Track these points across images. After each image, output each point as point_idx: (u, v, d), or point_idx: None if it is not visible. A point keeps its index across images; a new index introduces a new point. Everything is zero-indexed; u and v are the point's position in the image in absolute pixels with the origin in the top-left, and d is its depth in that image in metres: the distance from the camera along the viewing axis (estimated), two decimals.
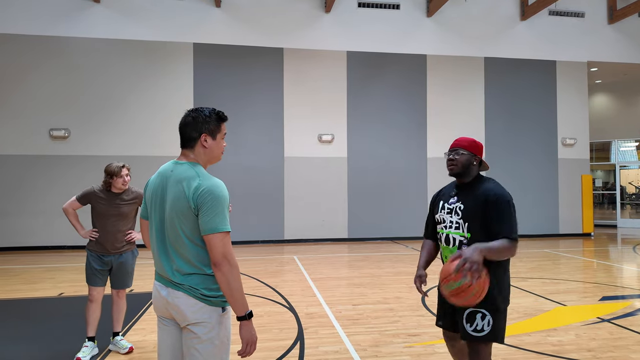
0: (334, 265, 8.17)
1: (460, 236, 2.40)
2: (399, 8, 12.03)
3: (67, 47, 10.56)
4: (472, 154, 2.46)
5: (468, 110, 12.28)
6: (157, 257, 1.96)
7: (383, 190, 11.72)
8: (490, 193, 2.34)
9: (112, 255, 3.80)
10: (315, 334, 4.33)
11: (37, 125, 10.37)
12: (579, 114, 12.86)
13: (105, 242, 3.76)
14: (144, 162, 10.55)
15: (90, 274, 3.79)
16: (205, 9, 11.16)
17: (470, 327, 2.31)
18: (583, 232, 12.71)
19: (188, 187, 1.86)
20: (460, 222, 2.41)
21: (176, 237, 1.88)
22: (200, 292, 1.87)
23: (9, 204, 10.20)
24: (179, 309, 1.88)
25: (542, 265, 8.11)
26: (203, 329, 1.87)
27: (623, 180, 16.14)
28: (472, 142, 2.49)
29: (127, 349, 3.82)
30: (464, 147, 2.46)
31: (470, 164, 2.46)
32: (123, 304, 3.96)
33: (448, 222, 2.47)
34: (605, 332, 4.35)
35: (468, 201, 2.40)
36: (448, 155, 2.50)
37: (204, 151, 1.98)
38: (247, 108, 11.16)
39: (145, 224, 2.13)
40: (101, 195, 3.76)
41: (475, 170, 2.49)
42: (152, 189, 2.01)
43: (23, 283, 6.73)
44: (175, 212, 1.87)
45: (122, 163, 3.72)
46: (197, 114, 1.96)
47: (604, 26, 13.00)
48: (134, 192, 3.87)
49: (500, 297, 2.34)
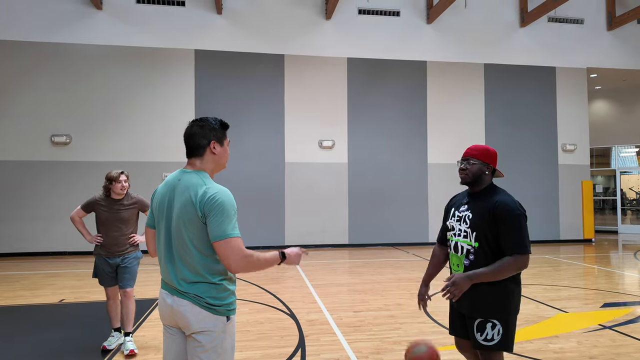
0: (335, 272, 8.16)
1: (467, 245, 2.41)
2: (399, 15, 12.10)
3: (69, 53, 10.62)
4: (484, 163, 2.43)
5: (468, 117, 12.31)
6: (164, 265, 1.97)
7: (383, 196, 11.72)
8: (498, 206, 2.32)
9: (117, 257, 4.06)
10: (317, 341, 4.33)
11: (39, 131, 10.40)
12: (579, 120, 12.89)
13: (110, 246, 4.03)
14: (145, 169, 10.60)
15: (100, 277, 4.11)
16: (206, 16, 11.23)
17: (481, 337, 2.33)
18: (584, 238, 12.69)
19: (195, 195, 1.87)
20: (468, 231, 2.41)
21: (183, 245, 1.89)
22: (205, 300, 1.88)
23: (10, 210, 10.20)
24: (183, 317, 1.88)
25: (543, 271, 8.10)
26: (207, 338, 1.88)
27: (624, 186, 16.12)
28: (485, 150, 2.45)
29: (128, 351, 3.93)
30: (475, 157, 2.43)
31: (482, 173, 2.43)
32: (131, 305, 4.11)
33: (457, 229, 2.48)
34: (607, 339, 4.33)
35: (477, 211, 2.39)
36: (460, 164, 2.48)
37: (213, 158, 2.01)
38: (248, 114, 11.19)
39: (150, 232, 2.13)
40: (102, 202, 4.02)
41: (488, 180, 2.46)
42: (160, 198, 2.02)
43: (23, 289, 6.72)
44: (182, 220, 1.88)
45: (121, 170, 4.00)
46: (204, 123, 2.00)
47: (603, 33, 13.07)
48: (133, 198, 4.12)
49: (512, 307, 2.35)
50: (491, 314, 2.30)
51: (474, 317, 2.35)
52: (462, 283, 2.25)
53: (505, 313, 2.32)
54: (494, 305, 2.32)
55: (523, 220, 2.30)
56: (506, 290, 2.33)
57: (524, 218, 2.31)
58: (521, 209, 2.34)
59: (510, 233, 2.28)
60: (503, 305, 2.31)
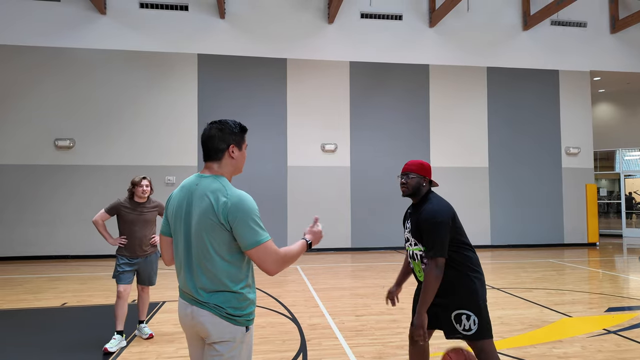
0: (337, 275, 8.14)
1: (418, 251, 2.64)
2: (402, 19, 12.11)
3: (73, 58, 10.69)
4: (421, 176, 2.68)
5: (471, 120, 12.29)
6: (182, 274, 1.92)
7: (386, 199, 11.70)
8: (422, 213, 2.57)
9: (139, 258, 4.43)
10: (318, 345, 4.30)
11: (43, 136, 10.46)
12: (583, 123, 12.84)
13: (134, 247, 4.38)
14: (148, 172, 10.61)
15: (119, 274, 4.35)
16: (209, 20, 11.28)
17: (460, 327, 2.54)
18: (588, 242, 12.61)
19: (216, 201, 1.82)
20: (413, 239, 2.67)
21: (204, 252, 1.84)
22: (226, 311, 1.84)
23: (13, 214, 10.24)
24: (203, 328, 1.86)
25: (547, 275, 8.04)
26: (226, 348, 1.85)
27: (629, 189, 16.02)
28: (420, 165, 2.71)
29: (147, 335, 4.49)
30: (414, 171, 2.68)
31: (420, 186, 2.69)
32: (147, 297, 4.61)
33: (411, 239, 2.71)
34: (612, 344, 4.29)
35: (414, 220, 2.65)
36: (400, 178, 2.72)
37: (231, 162, 1.97)
38: (251, 117, 11.21)
39: (165, 240, 2.07)
40: (127, 205, 4.40)
41: (425, 190, 2.71)
42: (176, 204, 1.96)
43: (26, 293, 6.73)
44: (202, 226, 1.83)
45: (143, 175, 4.45)
46: (223, 126, 1.95)
47: (607, 36, 13.04)
48: (154, 202, 4.55)
49: (479, 296, 2.56)
50: (464, 305, 2.53)
51: (449, 309, 2.56)
52: (419, 323, 2.50)
53: (475, 304, 2.53)
54: (463, 297, 2.54)
55: (441, 226, 2.49)
56: (467, 281, 2.56)
57: (443, 224, 2.50)
58: (442, 216, 2.53)
59: (427, 238, 2.52)
60: (471, 298, 2.54)
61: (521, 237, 12.33)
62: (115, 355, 4.04)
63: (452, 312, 2.56)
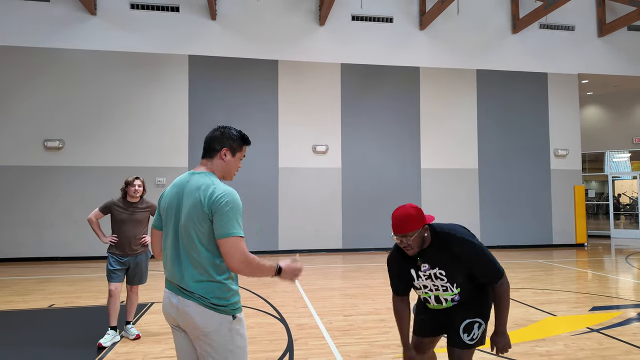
0: (328, 276, 8.17)
1: (451, 295, 2.48)
2: (392, 21, 12.19)
3: (63, 58, 10.64)
4: (419, 229, 2.32)
5: (461, 122, 12.39)
6: (170, 264, 2.00)
7: (377, 200, 11.75)
8: (455, 249, 2.33)
9: (129, 257, 4.51)
10: (305, 345, 4.33)
11: (32, 136, 10.39)
12: (571, 125, 13.00)
13: (123, 246, 4.46)
14: (138, 173, 10.47)
15: (110, 272, 4.45)
16: (200, 21, 11.29)
17: (467, 337, 2.45)
18: (576, 243, 12.76)
19: (204, 194, 1.92)
20: (447, 285, 2.44)
21: (190, 242, 1.92)
22: (210, 301, 1.91)
23: (2, 215, 10.16)
24: (189, 318, 1.91)
25: (535, 275, 8.13)
26: (215, 337, 1.91)
27: (617, 191, 16.22)
28: (415, 217, 2.31)
29: (134, 336, 4.50)
30: (412, 230, 2.29)
31: (423, 237, 2.36)
32: (135, 298, 4.65)
33: (432, 286, 2.48)
34: (594, 342, 4.36)
35: (443, 263, 2.38)
36: (399, 239, 2.35)
37: (221, 164, 2.08)
38: (242, 119, 11.22)
39: (156, 233, 2.16)
40: (119, 204, 4.51)
41: (428, 236, 2.40)
42: (168, 199, 2.06)
43: (13, 294, 6.68)
44: (190, 218, 1.92)
45: (136, 175, 4.55)
46: (225, 130, 2.09)
47: (594, 39, 13.22)
48: (147, 202, 4.63)
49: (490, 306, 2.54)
50: (479, 314, 2.47)
51: (463, 318, 2.46)
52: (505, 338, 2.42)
53: (487, 313, 2.51)
54: (482, 307, 2.49)
55: (483, 249, 2.34)
56: (485, 292, 2.53)
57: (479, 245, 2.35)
58: (473, 238, 2.37)
59: (483, 268, 2.35)
60: (486, 306, 2.51)
61: (510, 238, 12.44)
62: (104, 354, 4.06)
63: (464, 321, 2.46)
